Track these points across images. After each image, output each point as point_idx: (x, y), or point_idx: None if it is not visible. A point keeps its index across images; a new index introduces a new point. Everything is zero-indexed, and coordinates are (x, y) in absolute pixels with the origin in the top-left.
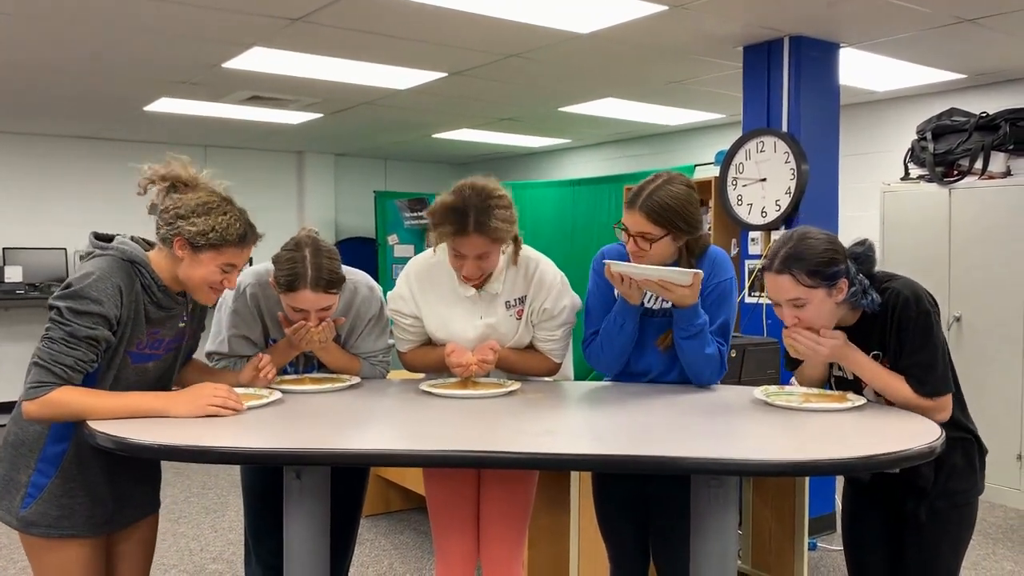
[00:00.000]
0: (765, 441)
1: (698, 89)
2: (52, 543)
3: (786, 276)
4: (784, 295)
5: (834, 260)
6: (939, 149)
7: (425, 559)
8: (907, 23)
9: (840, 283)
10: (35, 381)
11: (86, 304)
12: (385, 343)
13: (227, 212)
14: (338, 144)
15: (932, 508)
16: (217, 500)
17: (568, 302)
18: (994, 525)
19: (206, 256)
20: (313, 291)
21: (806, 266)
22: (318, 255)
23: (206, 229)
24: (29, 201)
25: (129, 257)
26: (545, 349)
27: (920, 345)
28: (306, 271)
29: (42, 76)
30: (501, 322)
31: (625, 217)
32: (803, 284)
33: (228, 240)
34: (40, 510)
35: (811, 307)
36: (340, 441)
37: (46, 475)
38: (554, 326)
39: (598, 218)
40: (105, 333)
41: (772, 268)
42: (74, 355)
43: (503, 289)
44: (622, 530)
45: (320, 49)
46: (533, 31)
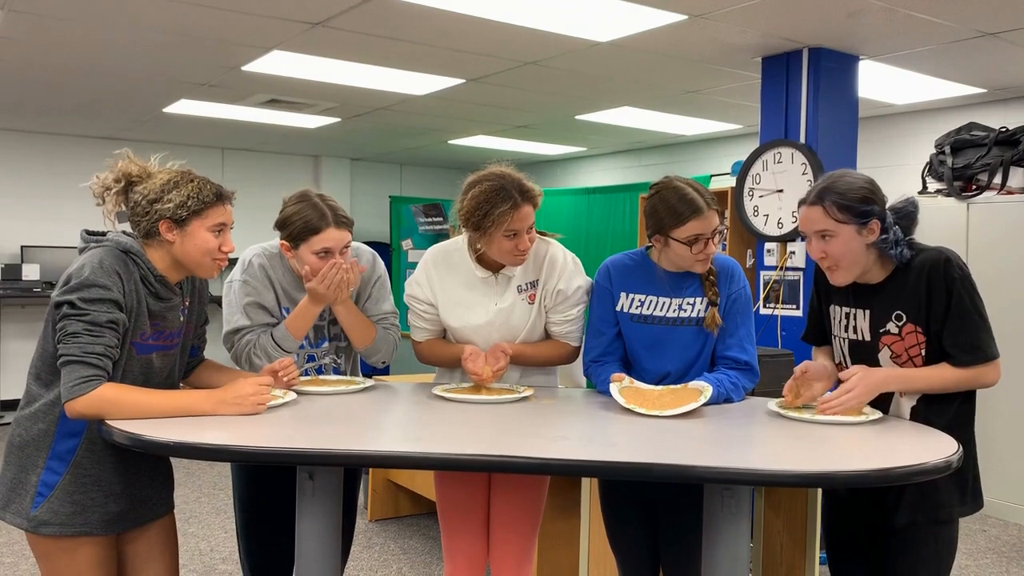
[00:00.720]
0: (779, 451)
1: (715, 99)
2: (64, 543)
3: (817, 207)
4: (813, 226)
5: (868, 199)
6: (958, 163)
7: (434, 564)
8: (928, 36)
9: (872, 223)
10: (77, 378)
11: (95, 291)
12: (391, 306)
13: (193, 179)
14: (354, 149)
15: (912, 520)
16: (227, 501)
17: (582, 282)
18: (1007, 543)
19: (193, 225)
20: (336, 228)
21: (839, 199)
22: (325, 199)
23: (183, 200)
24: (48, 200)
25: (124, 247)
26: (561, 333)
27: (967, 311)
28: (325, 211)
29: (63, 77)
30: (514, 307)
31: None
32: (833, 217)
33: (207, 201)
34: (52, 508)
35: (838, 241)
36: (353, 442)
37: (56, 472)
38: (568, 306)
39: (613, 226)
40: (121, 316)
41: (809, 198)
42: (101, 342)
43: (517, 272)
44: (631, 538)
45: (339, 54)
46: (551, 39)
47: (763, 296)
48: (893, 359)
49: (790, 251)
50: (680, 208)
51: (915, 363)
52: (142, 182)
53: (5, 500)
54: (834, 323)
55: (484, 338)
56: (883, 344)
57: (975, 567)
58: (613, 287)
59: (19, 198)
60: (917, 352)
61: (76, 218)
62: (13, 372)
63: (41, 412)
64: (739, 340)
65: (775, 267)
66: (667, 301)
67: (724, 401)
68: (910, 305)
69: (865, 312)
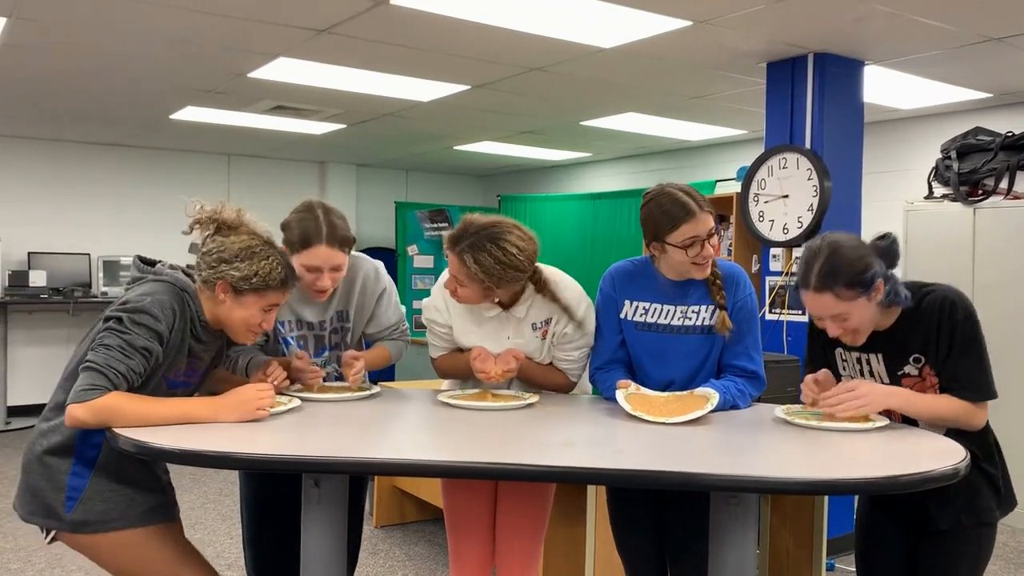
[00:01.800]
0: (786, 459)
1: (720, 104)
2: (114, 538)
3: (827, 295)
4: (827, 312)
5: (868, 266)
6: (964, 168)
7: (439, 570)
8: (933, 41)
9: (877, 284)
10: (87, 384)
11: (145, 318)
12: (400, 314)
13: (269, 256)
14: (360, 155)
15: (957, 522)
16: (233, 507)
17: (591, 327)
18: (1016, 551)
19: (248, 300)
20: (328, 246)
21: (844, 280)
22: (329, 214)
23: (249, 274)
24: (54, 206)
25: (182, 286)
26: (563, 368)
27: (968, 348)
28: (320, 228)
29: (69, 83)
30: (528, 342)
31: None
32: (844, 299)
33: (271, 285)
34: (85, 508)
35: (854, 317)
36: (359, 450)
37: (83, 476)
38: (572, 348)
39: (618, 232)
40: (157, 348)
41: (810, 287)
42: (128, 363)
43: (527, 313)
44: (639, 546)
45: (345, 60)
46: (556, 45)
47: (769, 301)
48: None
49: (795, 256)
50: (673, 211)
51: None
52: (228, 234)
53: (32, 507)
54: (845, 366)
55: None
56: (904, 385)
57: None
58: (617, 295)
59: (26, 204)
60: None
61: (83, 225)
62: (21, 378)
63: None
64: (745, 348)
65: (781, 272)
66: (671, 309)
67: (731, 408)
68: (925, 347)
69: (878, 356)
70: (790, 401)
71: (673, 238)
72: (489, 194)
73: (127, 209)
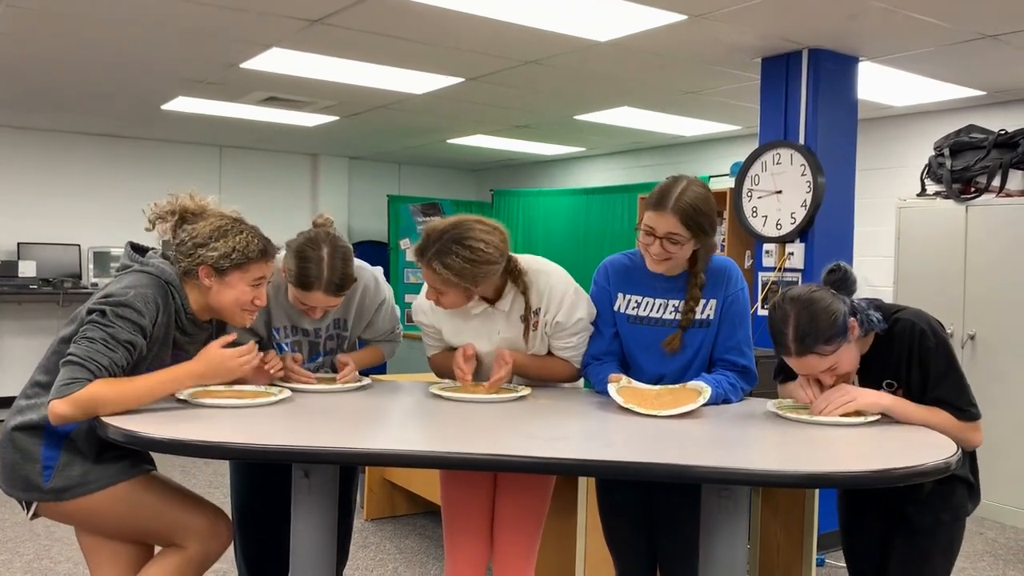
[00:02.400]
0: (777, 452)
1: (714, 100)
2: (91, 498)
3: (811, 356)
4: (816, 370)
5: (836, 315)
6: (957, 166)
7: (430, 563)
8: (927, 38)
9: (851, 324)
10: (68, 379)
11: (128, 312)
12: (395, 319)
13: (242, 231)
14: (353, 147)
15: (937, 519)
16: (223, 499)
17: (583, 313)
18: (1004, 546)
19: (233, 277)
20: (325, 293)
21: (821, 338)
22: (334, 256)
23: (228, 251)
24: (44, 197)
25: (167, 278)
26: (564, 357)
27: (945, 373)
28: (321, 273)
29: (60, 73)
30: (517, 336)
31: (651, 219)
32: (828, 354)
33: (251, 257)
34: (64, 475)
35: (843, 364)
36: (350, 440)
37: (55, 447)
38: (568, 335)
39: (611, 227)
40: (141, 342)
41: (792, 353)
42: (111, 356)
43: (511, 307)
44: (629, 539)
45: (338, 51)
46: (551, 38)
47: (762, 297)
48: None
49: (788, 252)
50: (653, 194)
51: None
52: (195, 220)
53: (10, 480)
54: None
55: (489, 362)
56: None
57: (972, 570)
58: (611, 287)
59: (16, 195)
60: None
61: (73, 215)
62: (10, 369)
63: (41, 404)
64: (737, 343)
65: (773, 268)
66: (664, 303)
67: (722, 402)
68: (897, 373)
69: (855, 380)
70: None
71: (644, 218)
72: (482, 188)
73: (118, 200)
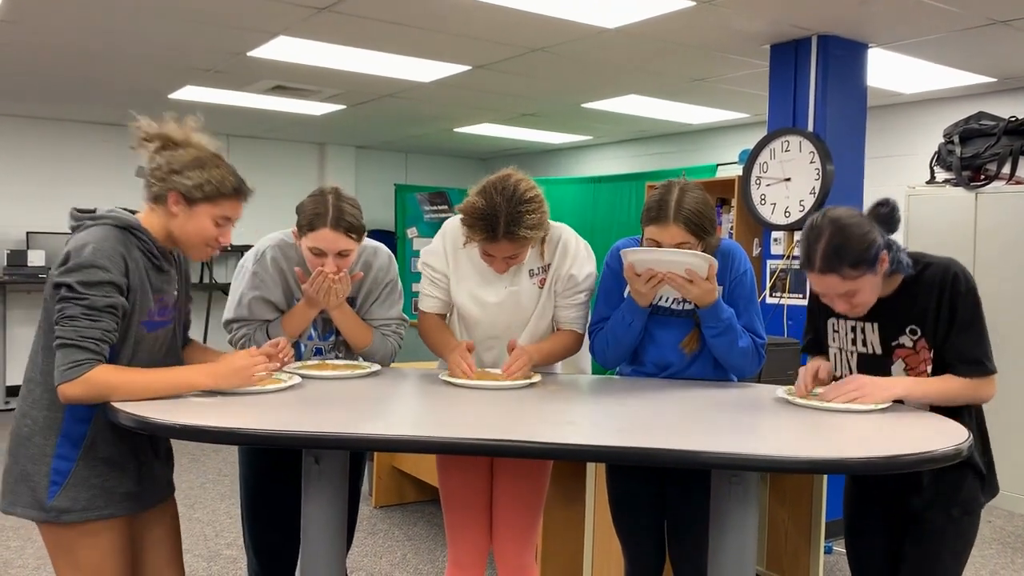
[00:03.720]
0: (787, 438)
1: (722, 87)
2: (86, 528)
3: (832, 276)
4: (834, 291)
5: (872, 241)
6: (966, 153)
7: (438, 550)
8: (937, 24)
9: (882, 257)
10: (69, 362)
11: (95, 273)
12: (399, 313)
13: (219, 166)
14: (360, 136)
15: (947, 515)
16: (232, 487)
17: (592, 269)
18: (1012, 535)
19: (202, 209)
20: (332, 230)
21: (849, 260)
22: (340, 199)
23: (201, 182)
24: (53, 186)
25: (124, 223)
26: (568, 318)
27: (971, 322)
28: (327, 211)
29: (68, 62)
30: (524, 291)
31: (655, 233)
32: (850, 278)
33: (223, 192)
34: (70, 495)
35: (862, 292)
36: (359, 427)
37: (69, 459)
38: (577, 292)
39: (619, 216)
40: (121, 300)
41: (815, 268)
42: (99, 327)
43: (528, 258)
44: (638, 526)
45: (345, 39)
46: (559, 25)
47: (770, 285)
48: (907, 371)
49: (797, 240)
50: (650, 208)
51: (926, 375)
52: (176, 148)
53: (13, 496)
54: (836, 336)
55: (492, 319)
56: (896, 357)
57: (980, 557)
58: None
59: (24, 184)
60: (926, 368)
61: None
62: (20, 358)
63: (45, 399)
64: (748, 320)
65: (782, 256)
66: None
67: (728, 328)
68: (923, 319)
69: (874, 325)
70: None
71: (644, 232)
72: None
73: (126, 190)
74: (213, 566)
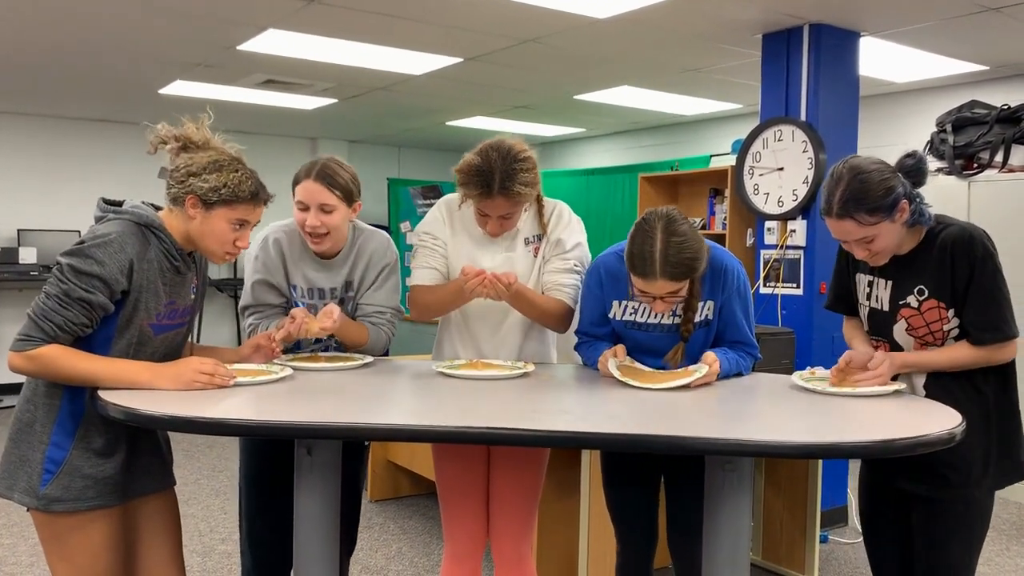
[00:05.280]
0: (781, 424)
1: (715, 78)
2: (77, 519)
3: (849, 221)
4: (850, 237)
5: (891, 189)
6: (959, 142)
7: (434, 543)
8: (929, 11)
9: (901, 206)
10: (24, 334)
11: (88, 264)
12: (396, 303)
13: (238, 169)
14: (352, 131)
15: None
16: (227, 482)
17: (581, 239)
18: (1007, 522)
19: (218, 212)
20: (314, 181)
21: (867, 206)
22: (330, 160)
23: (218, 185)
24: (44, 183)
25: (145, 221)
26: (554, 283)
27: (987, 287)
28: (313, 165)
29: (57, 58)
30: (519, 257)
31: (643, 285)
32: (866, 224)
33: (240, 196)
34: (62, 483)
35: (879, 239)
36: (351, 417)
37: (63, 448)
38: (563, 256)
39: (612, 207)
40: (100, 298)
41: (832, 213)
42: (64, 315)
43: (523, 226)
44: (634, 514)
45: (335, 32)
46: (550, 16)
47: (763, 275)
48: (908, 331)
49: (790, 229)
50: (633, 258)
51: (936, 338)
52: (196, 151)
53: (11, 480)
54: (859, 291)
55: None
56: (900, 316)
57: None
58: (604, 295)
59: (15, 181)
60: (939, 328)
61: (73, 201)
62: None
63: (44, 386)
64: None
65: (775, 246)
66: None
67: (735, 375)
68: (933, 280)
69: (887, 283)
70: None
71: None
72: None
73: (117, 186)
74: (208, 562)
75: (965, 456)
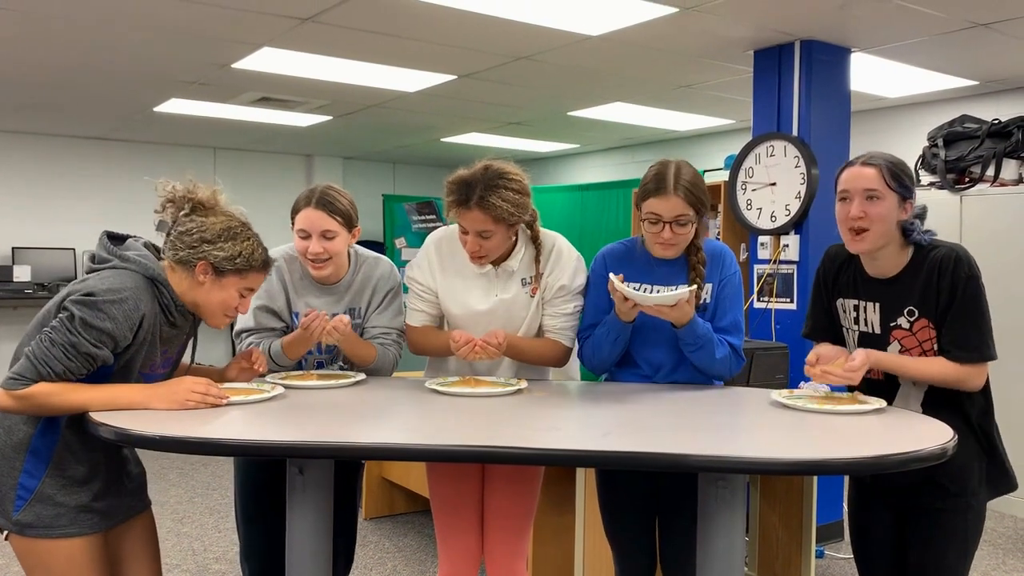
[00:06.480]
0: (774, 441)
1: (707, 94)
2: (52, 544)
3: (873, 169)
4: (864, 184)
5: (912, 180)
6: (950, 156)
7: (429, 561)
8: (920, 27)
9: (909, 202)
10: (18, 373)
11: (100, 319)
12: (401, 323)
13: (250, 237)
14: (347, 147)
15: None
16: (221, 500)
17: (584, 279)
18: (1003, 536)
19: (230, 280)
20: (314, 209)
21: (894, 167)
22: (330, 187)
23: (233, 255)
24: (38, 201)
25: (151, 275)
26: (555, 327)
27: (968, 307)
28: (312, 194)
29: (53, 76)
30: (515, 299)
31: (656, 205)
32: (885, 180)
33: (253, 266)
34: (34, 511)
35: (882, 205)
36: (344, 435)
37: (35, 476)
38: (566, 301)
39: (606, 223)
40: (105, 353)
41: (860, 161)
42: (67, 365)
43: (520, 267)
44: (629, 531)
45: (329, 50)
46: (543, 33)
47: (757, 289)
48: (903, 353)
49: (784, 244)
50: (648, 183)
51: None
52: (204, 214)
53: None
54: (844, 316)
55: (484, 327)
56: (893, 338)
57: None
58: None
59: (9, 199)
60: (931, 347)
61: (68, 219)
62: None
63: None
64: (730, 323)
65: (768, 260)
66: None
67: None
68: (922, 300)
69: (875, 305)
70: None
71: (643, 208)
72: None
73: (112, 203)
74: None
75: (962, 465)
